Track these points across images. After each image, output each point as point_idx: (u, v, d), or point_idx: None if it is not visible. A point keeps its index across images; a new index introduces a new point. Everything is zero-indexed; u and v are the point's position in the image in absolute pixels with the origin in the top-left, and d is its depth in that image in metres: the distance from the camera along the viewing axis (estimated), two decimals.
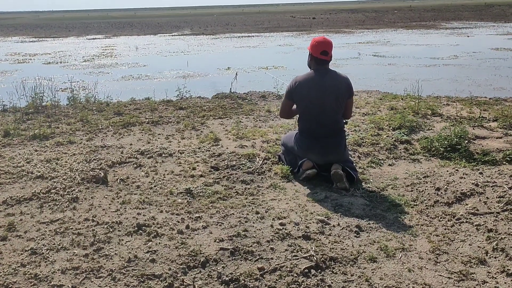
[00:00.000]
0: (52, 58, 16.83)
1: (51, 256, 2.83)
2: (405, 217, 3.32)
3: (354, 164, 4.24)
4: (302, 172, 4.01)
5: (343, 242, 2.97)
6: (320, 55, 3.97)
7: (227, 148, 4.87)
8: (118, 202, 3.60)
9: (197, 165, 4.37)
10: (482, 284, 2.53)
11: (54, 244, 2.96)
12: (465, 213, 3.30)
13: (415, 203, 3.56)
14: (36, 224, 3.25)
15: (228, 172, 4.18)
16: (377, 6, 71.39)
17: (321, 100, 3.94)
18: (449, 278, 2.59)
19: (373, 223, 3.23)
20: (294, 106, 4.19)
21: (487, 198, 3.44)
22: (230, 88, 8.27)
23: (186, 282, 2.57)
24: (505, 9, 45.38)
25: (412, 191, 3.79)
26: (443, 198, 3.56)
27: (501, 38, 19.46)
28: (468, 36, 21.02)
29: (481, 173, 3.93)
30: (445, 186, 3.69)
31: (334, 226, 3.18)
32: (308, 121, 4.06)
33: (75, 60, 16.02)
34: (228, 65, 13.29)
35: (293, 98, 4.09)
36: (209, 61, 14.72)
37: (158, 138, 5.35)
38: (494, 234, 3.00)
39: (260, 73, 11.62)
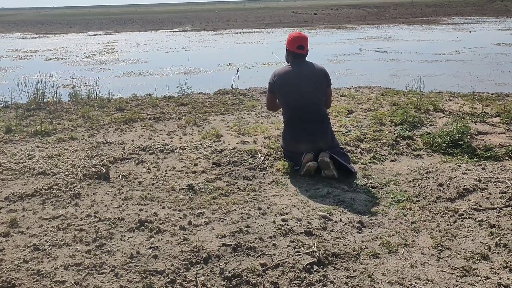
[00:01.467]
0: (54, 54, 16.81)
1: (53, 252, 2.83)
2: (407, 213, 3.31)
3: (350, 155, 4.32)
4: (303, 165, 4.02)
5: (346, 238, 2.97)
6: (297, 49, 4.21)
7: (229, 144, 4.87)
8: (120, 198, 3.61)
9: (199, 161, 4.37)
10: (485, 280, 2.53)
11: (57, 240, 2.97)
12: (468, 208, 3.30)
13: (417, 199, 3.55)
14: (38, 220, 3.26)
15: (230, 168, 4.18)
16: (379, 1, 71.13)
17: (300, 88, 4.15)
18: (451, 274, 2.58)
19: (375, 219, 3.23)
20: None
21: (490, 193, 3.44)
22: (232, 84, 8.25)
23: (188, 278, 2.57)
24: (507, 4, 45.20)
25: (414, 187, 3.78)
26: (446, 193, 3.55)
27: (503, 34, 19.38)
28: (470, 32, 20.93)
29: (483, 168, 3.93)
30: (448, 182, 3.69)
31: (336, 222, 3.18)
32: (291, 111, 4.24)
33: (76, 56, 16.00)
34: (229, 61, 13.26)
35: (274, 91, 4.31)
36: (211, 57, 14.68)
37: (160, 134, 5.35)
38: (497, 230, 2.99)
39: (261, 70, 11.60)
